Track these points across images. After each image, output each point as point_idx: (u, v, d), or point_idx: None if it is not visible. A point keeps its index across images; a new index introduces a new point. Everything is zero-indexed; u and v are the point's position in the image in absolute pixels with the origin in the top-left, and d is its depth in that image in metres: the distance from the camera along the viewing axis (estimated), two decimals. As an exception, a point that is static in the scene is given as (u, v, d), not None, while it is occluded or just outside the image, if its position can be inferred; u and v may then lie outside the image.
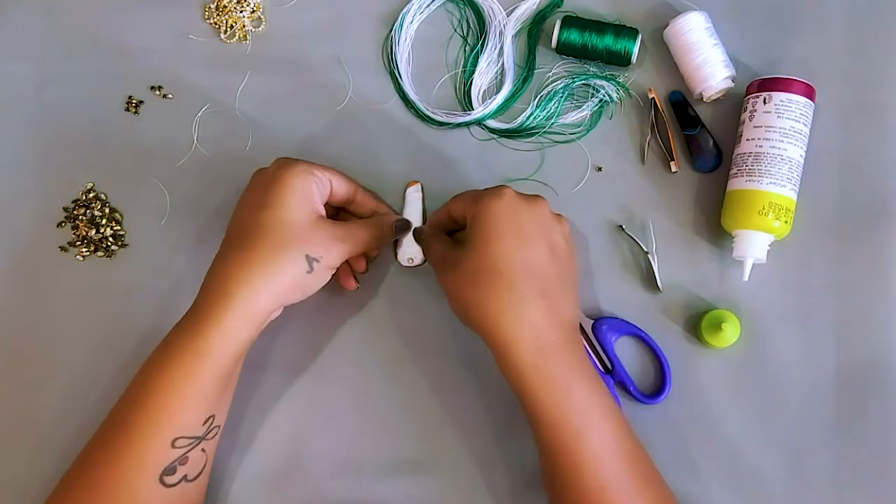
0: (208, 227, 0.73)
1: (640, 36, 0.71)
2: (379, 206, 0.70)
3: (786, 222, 0.66)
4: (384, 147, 0.73)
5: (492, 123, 0.72)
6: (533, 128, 0.72)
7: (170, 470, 0.59)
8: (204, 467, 0.62)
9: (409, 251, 0.70)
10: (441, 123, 0.73)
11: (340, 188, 0.67)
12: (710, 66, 0.69)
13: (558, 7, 0.73)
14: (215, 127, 0.74)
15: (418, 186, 0.71)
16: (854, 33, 0.71)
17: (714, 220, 0.69)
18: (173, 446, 0.59)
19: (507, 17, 0.73)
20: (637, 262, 0.70)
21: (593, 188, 0.71)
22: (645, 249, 0.70)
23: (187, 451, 0.60)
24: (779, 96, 0.66)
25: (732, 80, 0.70)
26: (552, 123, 0.72)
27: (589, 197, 0.71)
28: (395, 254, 0.71)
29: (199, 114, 0.74)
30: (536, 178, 0.72)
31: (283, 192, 0.62)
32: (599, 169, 0.71)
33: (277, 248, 0.61)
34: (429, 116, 0.73)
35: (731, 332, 0.66)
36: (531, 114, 0.72)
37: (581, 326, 0.69)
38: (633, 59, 0.71)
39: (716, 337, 0.67)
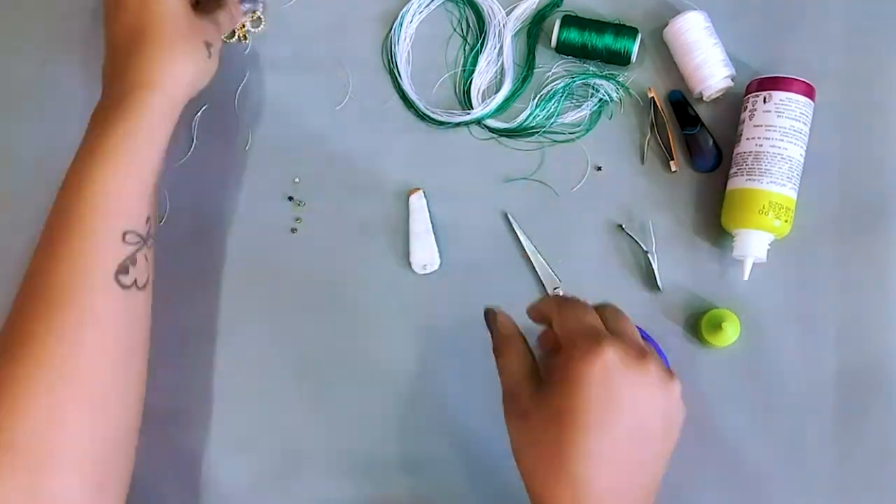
0: (208, 227, 0.73)
1: (639, 35, 0.71)
2: None
3: (786, 221, 0.66)
4: (384, 147, 0.73)
5: (491, 123, 0.72)
6: (532, 127, 0.72)
7: (123, 268, 0.58)
8: (148, 277, 0.61)
9: (424, 258, 0.70)
10: (440, 123, 0.73)
11: None
12: (710, 66, 0.69)
13: (558, 6, 0.73)
14: (215, 127, 0.74)
15: (421, 194, 0.71)
16: (854, 32, 0.71)
17: (714, 219, 0.69)
18: (124, 241, 0.58)
19: (507, 16, 0.73)
20: (637, 262, 0.70)
21: (593, 188, 0.71)
22: (645, 249, 0.70)
23: (136, 251, 0.59)
24: (779, 95, 0.66)
25: (732, 80, 0.70)
26: (552, 123, 0.72)
27: (589, 197, 0.71)
28: (410, 262, 0.70)
29: (199, 113, 0.74)
30: (536, 178, 0.72)
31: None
32: (599, 168, 0.71)
33: (185, 37, 0.63)
34: (428, 116, 0.73)
35: (731, 332, 0.66)
36: (531, 113, 0.72)
37: None
38: (633, 58, 0.71)
39: (716, 336, 0.67)
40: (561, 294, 0.69)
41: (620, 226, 0.70)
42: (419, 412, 0.69)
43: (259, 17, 0.75)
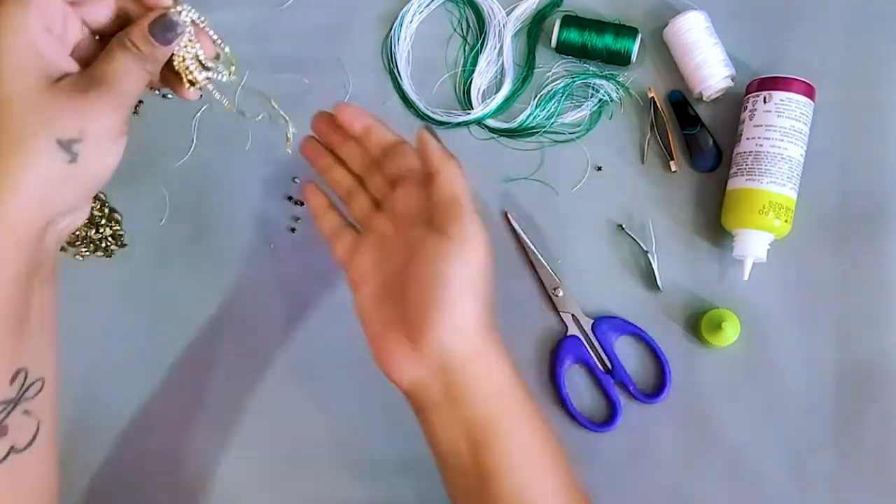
0: (208, 227, 0.73)
1: (639, 35, 0.71)
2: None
3: (786, 221, 0.66)
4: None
5: (491, 123, 0.72)
6: (533, 127, 0.72)
7: None
8: (36, 433, 0.49)
9: None
10: (441, 123, 0.73)
11: (99, 7, 0.47)
12: (710, 66, 0.69)
13: (558, 6, 0.73)
14: (215, 126, 0.74)
15: None
16: (854, 32, 0.71)
17: (714, 219, 0.69)
18: None
19: (507, 16, 0.73)
20: (637, 262, 0.70)
21: (593, 188, 0.71)
22: (644, 249, 0.70)
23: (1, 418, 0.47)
24: (779, 95, 0.66)
25: (732, 80, 0.70)
26: (552, 123, 0.72)
27: (589, 196, 0.71)
28: None
29: (199, 113, 0.74)
30: (536, 178, 0.72)
31: None
32: (599, 168, 0.71)
33: (13, 141, 0.44)
34: (428, 116, 0.73)
35: (731, 332, 0.66)
36: (531, 113, 0.72)
37: (581, 325, 0.68)
38: (633, 58, 0.71)
39: (716, 336, 0.67)
40: (560, 294, 0.69)
41: (620, 226, 0.70)
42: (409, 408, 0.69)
43: (220, 54, 0.54)
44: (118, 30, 0.48)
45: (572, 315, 0.69)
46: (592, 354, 0.68)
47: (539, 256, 0.70)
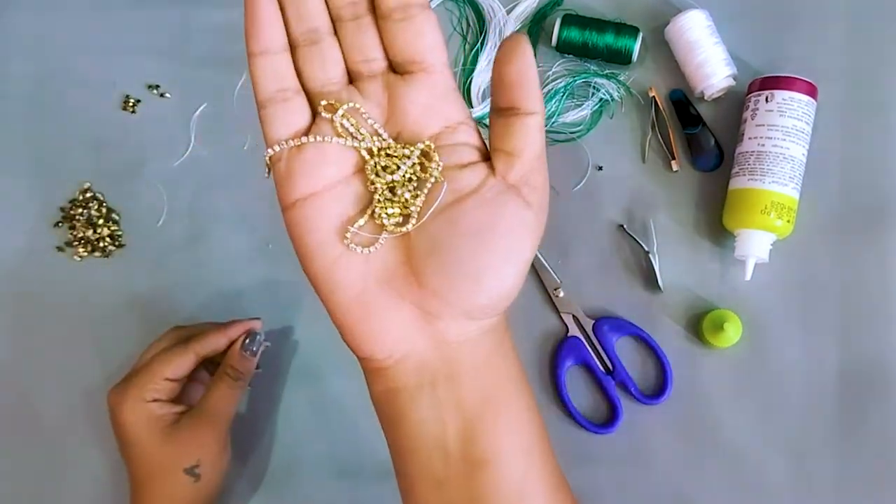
0: (206, 227, 0.72)
1: (640, 34, 0.70)
2: (226, 337, 0.65)
3: (788, 221, 0.66)
4: (383, 146, 0.73)
5: (492, 122, 0.72)
6: (533, 127, 0.72)
7: None
8: None
9: None
10: (440, 122, 0.72)
11: (180, 370, 0.64)
12: (712, 65, 0.68)
13: (558, 5, 0.73)
14: (213, 126, 0.74)
15: None
16: (856, 31, 0.71)
17: (715, 219, 0.69)
18: None
19: (507, 15, 0.73)
20: (638, 262, 0.70)
21: (594, 187, 0.71)
22: (646, 249, 0.69)
23: None
24: (781, 95, 0.66)
25: (734, 79, 0.69)
26: (552, 122, 0.72)
27: (589, 196, 0.71)
28: None
29: (197, 113, 0.74)
30: (537, 178, 0.71)
31: (125, 433, 0.62)
32: (600, 168, 0.71)
33: (155, 479, 0.61)
34: (428, 115, 0.72)
35: (732, 332, 0.66)
36: (531, 113, 0.72)
37: (582, 326, 0.68)
38: (634, 57, 0.70)
39: (717, 337, 0.66)
40: (561, 294, 0.69)
41: (621, 225, 0.70)
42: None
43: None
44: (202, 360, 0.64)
45: (573, 315, 0.69)
46: (593, 355, 0.68)
47: (539, 257, 0.69)
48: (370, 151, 0.41)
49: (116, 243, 0.73)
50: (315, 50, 0.41)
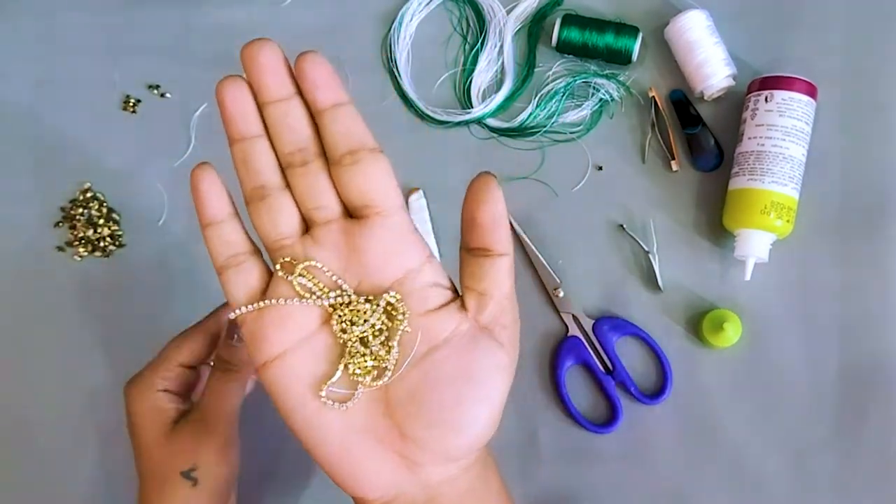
0: (206, 226, 0.72)
1: (640, 34, 0.70)
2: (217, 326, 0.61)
3: (788, 221, 0.66)
4: (383, 146, 0.72)
5: (492, 122, 0.72)
6: (533, 127, 0.72)
7: None
8: None
9: None
10: (440, 122, 0.72)
11: (193, 356, 0.60)
12: (711, 65, 0.68)
13: (558, 5, 0.73)
14: (214, 126, 0.74)
15: (420, 193, 0.71)
16: (856, 31, 0.71)
17: (715, 219, 0.69)
18: None
19: (507, 15, 0.73)
20: (638, 262, 0.70)
21: (593, 187, 0.71)
22: (646, 249, 0.69)
23: None
24: (780, 95, 0.66)
25: (733, 79, 0.69)
26: (552, 122, 0.72)
27: (589, 196, 0.71)
28: None
29: (198, 113, 0.74)
30: (536, 178, 0.71)
31: (132, 424, 0.59)
32: (600, 168, 0.71)
33: (155, 479, 0.58)
34: (428, 115, 0.72)
35: (732, 332, 0.66)
36: (531, 113, 0.72)
37: (582, 326, 0.68)
38: (634, 57, 0.70)
39: (717, 337, 0.66)
40: (561, 294, 0.69)
41: (621, 226, 0.70)
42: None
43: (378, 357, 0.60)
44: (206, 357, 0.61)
45: (573, 315, 0.69)
46: (593, 355, 0.68)
47: (539, 256, 0.70)
48: (333, 307, 0.41)
49: (117, 243, 0.73)
50: (264, 206, 0.42)
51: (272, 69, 0.42)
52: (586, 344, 0.68)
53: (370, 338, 0.41)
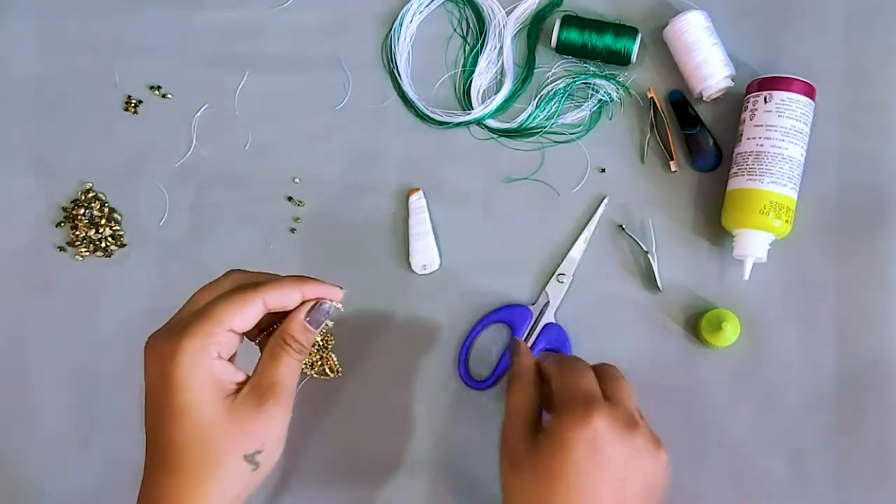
0: (207, 227, 0.73)
1: (639, 35, 0.71)
2: (299, 293, 0.54)
3: (786, 221, 0.66)
4: (383, 147, 0.73)
5: (491, 123, 0.72)
6: (533, 127, 0.72)
7: None
8: None
9: (424, 258, 0.70)
10: (440, 123, 0.73)
11: (246, 321, 0.52)
12: (710, 66, 0.69)
13: (558, 6, 0.73)
14: (214, 127, 0.74)
15: (420, 194, 0.71)
16: (854, 32, 0.71)
17: (714, 219, 0.69)
18: None
19: (507, 16, 0.73)
20: (637, 262, 0.70)
21: (593, 188, 0.71)
22: (645, 249, 0.69)
23: None
24: (779, 95, 0.66)
25: (732, 80, 0.70)
26: (552, 123, 0.72)
27: (589, 197, 0.71)
28: (410, 262, 0.70)
29: (199, 113, 0.74)
30: (536, 178, 0.72)
31: (175, 395, 0.49)
32: (603, 170, 0.71)
33: (208, 466, 0.49)
34: (428, 116, 0.73)
35: (731, 332, 0.66)
36: (531, 113, 0.72)
37: (544, 311, 0.70)
38: (633, 58, 0.71)
39: (716, 336, 0.66)
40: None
41: (620, 225, 0.70)
42: (417, 413, 0.69)
43: (333, 367, 0.70)
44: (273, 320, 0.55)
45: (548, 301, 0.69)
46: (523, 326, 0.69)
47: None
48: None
49: (118, 243, 0.73)
50: None
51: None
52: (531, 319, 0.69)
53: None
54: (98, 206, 0.73)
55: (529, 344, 0.69)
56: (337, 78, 0.74)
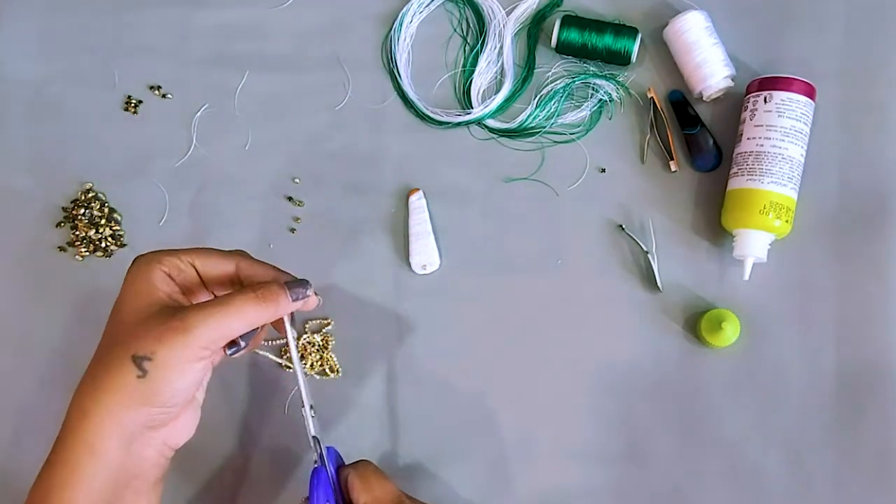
0: (207, 227, 0.73)
1: (639, 35, 0.71)
2: (276, 274, 0.56)
3: (786, 221, 0.66)
4: (383, 146, 0.73)
5: (491, 123, 0.72)
6: (533, 127, 0.72)
7: None
8: None
9: (424, 258, 0.70)
10: (440, 123, 0.73)
11: (210, 267, 0.55)
12: (710, 66, 0.69)
13: (558, 6, 0.73)
14: (214, 127, 0.74)
15: (420, 194, 0.71)
16: (854, 32, 0.71)
17: (714, 219, 0.69)
18: None
19: (507, 16, 0.73)
20: (637, 262, 0.70)
21: (593, 188, 0.71)
22: (645, 249, 0.69)
23: None
24: (779, 95, 0.66)
25: (732, 80, 0.70)
26: (552, 123, 0.72)
27: (588, 196, 0.71)
28: (409, 262, 0.70)
29: (199, 113, 0.74)
30: (536, 178, 0.72)
31: (122, 290, 0.53)
32: (603, 170, 0.71)
33: (101, 355, 0.52)
34: (428, 116, 0.73)
35: (731, 332, 0.66)
36: (531, 113, 0.72)
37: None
38: (633, 58, 0.71)
39: (716, 336, 0.67)
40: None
41: (620, 226, 0.70)
42: (416, 411, 0.69)
43: (333, 367, 0.70)
44: (222, 283, 0.57)
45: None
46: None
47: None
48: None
49: (118, 243, 0.73)
50: None
51: None
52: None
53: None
54: (98, 206, 0.73)
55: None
56: (337, 78, 0.74)
